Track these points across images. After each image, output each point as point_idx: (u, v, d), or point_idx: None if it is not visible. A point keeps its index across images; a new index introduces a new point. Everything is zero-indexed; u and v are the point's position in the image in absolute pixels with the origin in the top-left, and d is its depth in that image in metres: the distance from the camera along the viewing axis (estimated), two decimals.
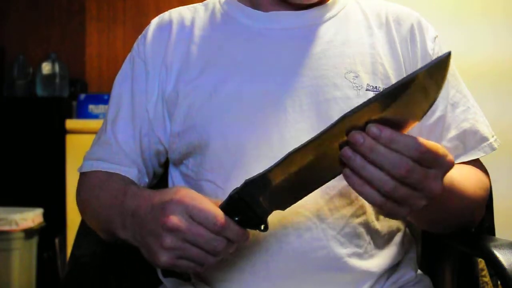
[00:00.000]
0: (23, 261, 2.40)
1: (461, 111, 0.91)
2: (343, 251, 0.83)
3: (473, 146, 0.91)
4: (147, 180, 0.95)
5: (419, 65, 0.90)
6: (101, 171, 0.93)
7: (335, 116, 0.84)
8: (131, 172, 0.92)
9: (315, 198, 0.82)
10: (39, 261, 2.50)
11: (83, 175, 0.96)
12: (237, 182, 0.83)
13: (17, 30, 3.11)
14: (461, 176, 0.84)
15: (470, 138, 0.91)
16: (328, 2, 0.93)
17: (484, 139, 0.91)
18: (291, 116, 0.85)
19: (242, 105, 0.86)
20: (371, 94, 0.86)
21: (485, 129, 0.92)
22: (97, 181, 0.92)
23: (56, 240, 2.51)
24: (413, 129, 0.89)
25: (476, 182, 0.89)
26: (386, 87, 0.86)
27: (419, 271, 0.94)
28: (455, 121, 0.91)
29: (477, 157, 0.91)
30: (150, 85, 0.92)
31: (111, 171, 0.92)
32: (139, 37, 0.97)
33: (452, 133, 0.90)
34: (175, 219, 0.69)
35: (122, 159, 0.92)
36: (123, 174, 0.92)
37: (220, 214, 0.70)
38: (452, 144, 0.90)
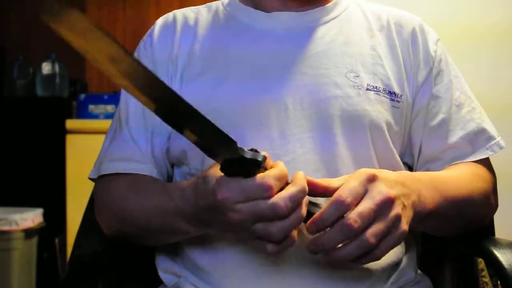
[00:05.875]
0: (23, 261, 2.40)
1: (466, 111, 0.93)
2: None
3: (481, 145, 0.92)
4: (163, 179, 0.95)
5: (421, 66, 0.92)
6: (123, 172, 0.91)
7: (336, 114, 0.85)
8: (152, 170, 0.91)
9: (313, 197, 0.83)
10: (39, 261, 2.50)
11: (101, 179, 0.93)
12: None
13: (17, 30, 3.12)
14: (452, 180, 0.87)
15: (478, 137, 0.93)
16: (330, 4, 0.94)
17: (491, 138, 0.93)
18: (292, 113, 0.85)
19: (244, 103, 0.86)
20: (371, 94, 0.87)
21: (491, 128, 0.94)
22: (123, 185, 0.90)
23: (56, 240, 2.51)
24: (417, 131, 0.91)
25: (471, 179, 0.89)
26: (385, 87, 0.88)
27: (419, 271, 0.95)
28: (462, 122, 0.92)
29: (486, 156, 0.93)
30: None
31: (133, 171, 0.90)
32: (145, 38, 0.97)
33: (459, 133, 0.92)
34: (235, 216, 0.69)
35: (141, 157, 0.91)
36: (145, 173, 0.90)
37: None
38: (460, 144, 0.92)
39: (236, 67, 0.89)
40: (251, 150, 0.68)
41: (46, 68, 2.75)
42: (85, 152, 0.96)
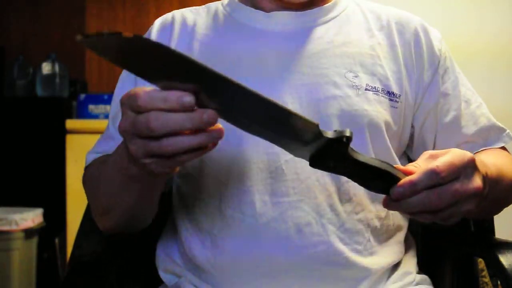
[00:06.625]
0: (23, 261, 2.40)
1: (475, 107, 0.95)
2: (343, 247, 0.83)
3: (494, 139, 0.94)
4: None
5: (426, 66, 0.92)
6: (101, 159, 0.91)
7: (335, 114, 0.85)
8: None
9: (314, 194, 0.83)
10: (39, 261, 2.50)
11: (85, 170, 0.95)
12: (238, 177, 0.84)
13: (17, 30, 3.12)
14: (500, 159, 0.89)
15: (490, 132, 0.94)
16: (329, 4, 0.94)
17: (502, 129, 0.95)
18: None
19: None
20: (370, 94, 0.87)
21: (498, 122, 0.96)
22: (95, 164, 0.91)
23: (56, 240, 2.51)
24: (429, 131, 0.92)
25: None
26: (384, 87, 0.88)
27: (419, 271, 0.95)
28: (473, 117, 0.94)
29: (499, 146, 0.94)
30: None
31: None
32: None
33: (472, 129, 0.93)
34: (121, 123, 0.64)
35: None
36: None
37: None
38: (473, 139, 0.93)
39: (235, 67, 0.89)
40: (335, 131, 0.65)
41: (46, 68, 2.75)
42: (85, 152, 0.96)
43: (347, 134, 0.65)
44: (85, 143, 2.45)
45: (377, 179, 0.68)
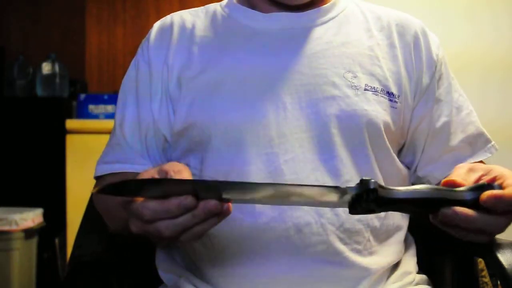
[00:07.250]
0: (23, 261, 2.40)
1: (465, 114, 0.94)
2: (342, 246, 0.83)
3: (480, 147, 0.94)
4: None
5: (425, 70, 0.92)
6: (114, 173, 0.92)
7: (334, 114, 0.85)
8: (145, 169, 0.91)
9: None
10: (39, 261, 2.50)
11: (98, 180, 0.95)
12: (237, 177, 0.84)
13: (17, 30, 3.12)
14: None
15: (477, 140, 0.94)
16: (327, 4, 0.94)
17: (488, 140, 0.95)
18: (290, 113, 0.86)
19: (242, 102, 0.87)
20: (369, 94, 0.87)
21: (485, 131, 0.95)
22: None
23: (56, 240, 2.51)
24: (421, 134, 0.92)
25: None
26: (383, 88, 0.88)
27: (419, 271, 0.95)
28: (462, 125, 0.94)
29: (485, 158, 0.94)
30: (154, 86, 0.93)
31: (124, 170, 0.92)
32: (143, 41, 0.98)
33: (460, 136, 0.93)
34: (133, 228, 0.69)
35: (134, 158, 0.92)
36: (138, 171, 0.90)
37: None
38: (461, 146, 0.93)
39: (234, 67, 0.89)
40: (361, 181, 0.67)
41: (46, 68, 2.75)
42: (85, 152, 0.97)
43: (371, 186, 0.66)
44: (85, 143, 2.47)
45: (427, 206, 0.69)
